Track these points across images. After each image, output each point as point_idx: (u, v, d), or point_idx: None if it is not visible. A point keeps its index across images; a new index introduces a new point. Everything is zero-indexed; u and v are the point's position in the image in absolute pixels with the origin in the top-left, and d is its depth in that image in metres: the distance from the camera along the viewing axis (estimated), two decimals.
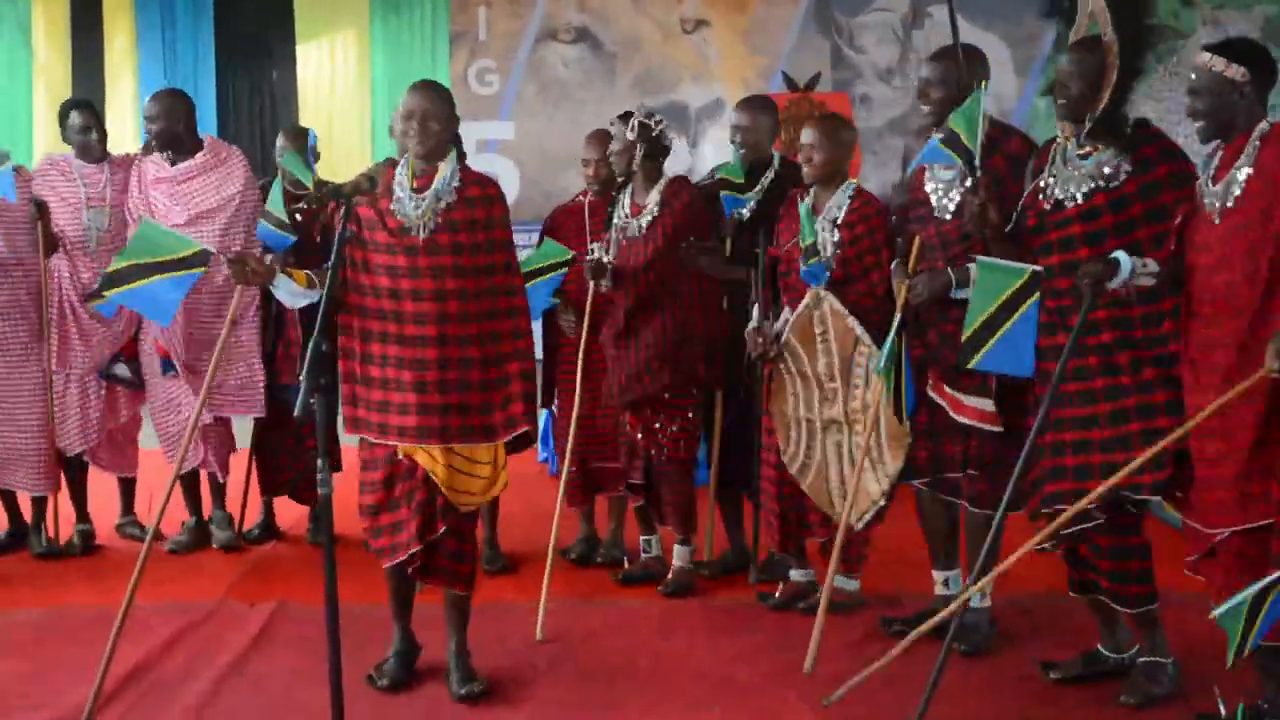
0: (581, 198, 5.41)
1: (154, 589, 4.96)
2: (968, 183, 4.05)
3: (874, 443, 4.37)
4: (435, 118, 3.83)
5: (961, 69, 4.18)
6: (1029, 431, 3.84)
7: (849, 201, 4.49)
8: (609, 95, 9.43)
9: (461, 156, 3.95)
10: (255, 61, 10.60)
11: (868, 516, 4.45)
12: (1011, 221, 3.95)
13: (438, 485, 3.85)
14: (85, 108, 5.69)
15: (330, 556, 3.20)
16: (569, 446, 4.97)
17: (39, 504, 5.57)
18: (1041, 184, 3.88)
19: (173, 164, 5.49)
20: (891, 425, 4.33)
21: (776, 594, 4.78)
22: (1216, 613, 3.07)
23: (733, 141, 5.16)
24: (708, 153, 9.38)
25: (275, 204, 4.94)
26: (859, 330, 4.36)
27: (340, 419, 3.91)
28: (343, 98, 10.33)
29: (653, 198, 4.91)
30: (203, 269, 3.95)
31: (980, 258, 3.89)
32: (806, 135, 4.54)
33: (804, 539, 4.77)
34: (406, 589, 4.10)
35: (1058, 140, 3.91)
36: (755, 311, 4.70)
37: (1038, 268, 3.78)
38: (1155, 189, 3.67)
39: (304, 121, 9.70)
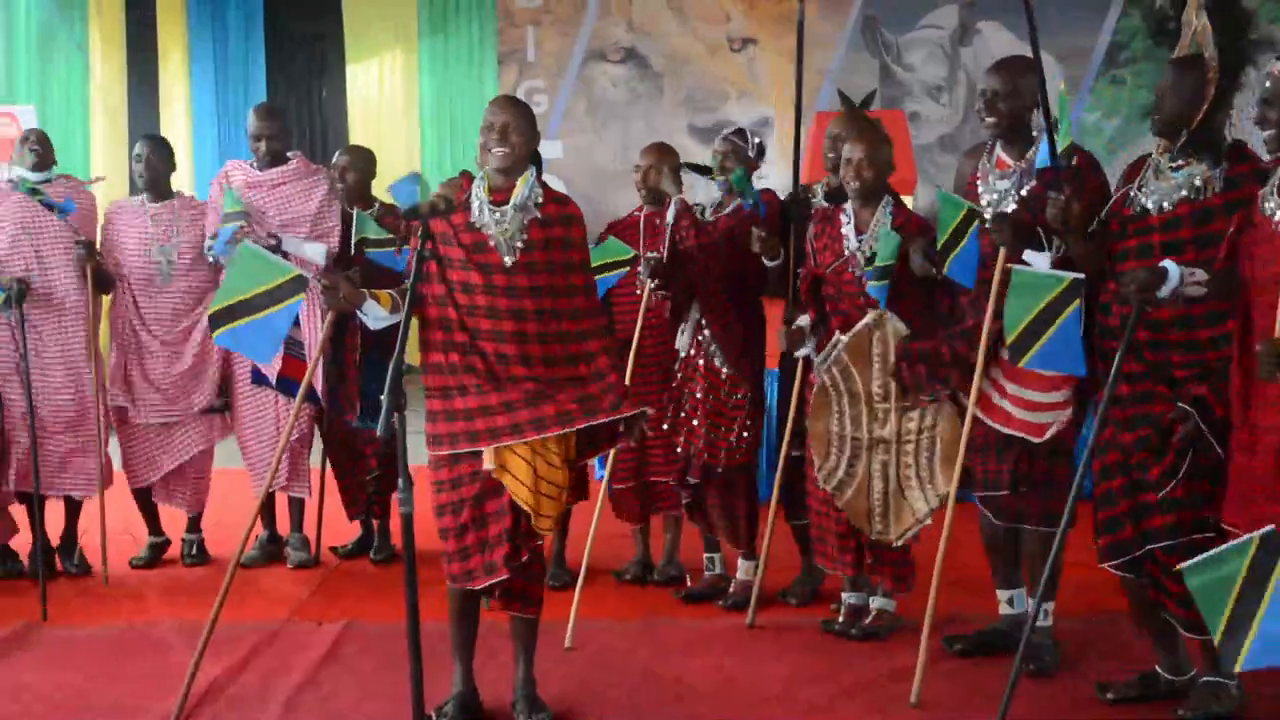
0: (638, 213, 5.43)
1: (223, 607, 5.04)
2: (1023, 191, 4.12)
3: (925, 463, 4.41)
4: (517, 130, 3.77)
5: (1029, 79, 4.17)
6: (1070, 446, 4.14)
7: (890, 220, 4.46)
8: (656, 113, 9.50)
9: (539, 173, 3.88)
10: (305, 80, 10.73)
11: (910, 533, 4.49)
12: (1093, 223, 3.95)
13: (523, 510, 3.78)
14: (152, 142, 5.75)
15: (411, 573, 3.22)
16: (610, 461, 4.99)
17: (71, 516, 5.59)
18: (1129, 194, 3.90)
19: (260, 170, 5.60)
20: (946, 447, 4.36)
21: (839, 620, 4.77)
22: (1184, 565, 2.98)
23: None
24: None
25: (370, 228, 5.43)
26: None
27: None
28: (391, 117, 10.42)
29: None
30: (301, 296, 3.89)
31: (1016, 267, 3.89)
32: (855, 150, 4.49)
33: (863, 556, 4.70)
34: (473, 619, 3.99)
35: (1151, 155, 3.92)
36: (797, 313, 4.68)
37: (1079, 275, 3.76)
38: (1240, 207, 3.61)
39: (353, 140, 9.81)
